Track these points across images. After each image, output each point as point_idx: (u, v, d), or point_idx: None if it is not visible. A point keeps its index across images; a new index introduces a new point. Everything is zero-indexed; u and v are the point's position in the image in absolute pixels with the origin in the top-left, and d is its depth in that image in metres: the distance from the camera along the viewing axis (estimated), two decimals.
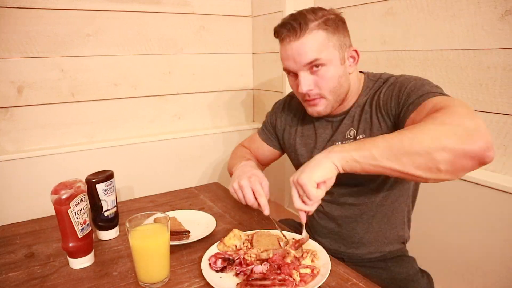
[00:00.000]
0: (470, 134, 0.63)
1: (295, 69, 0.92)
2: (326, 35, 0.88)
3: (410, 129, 0.69)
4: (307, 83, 0.91)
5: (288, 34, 0.89)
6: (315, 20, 0.88)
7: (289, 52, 0.90)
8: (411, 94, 0.84)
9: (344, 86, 0.94)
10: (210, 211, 1.09)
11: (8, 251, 0.91)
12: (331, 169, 0.72)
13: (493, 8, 1.08)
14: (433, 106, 0.75)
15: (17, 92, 1.41)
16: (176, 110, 1.78)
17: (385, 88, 0.92)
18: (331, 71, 0.90)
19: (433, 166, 0.65)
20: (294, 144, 1.09)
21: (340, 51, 0.91)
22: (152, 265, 0.75)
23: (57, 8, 1.42)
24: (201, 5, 1.73)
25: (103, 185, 0.93)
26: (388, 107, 0.89)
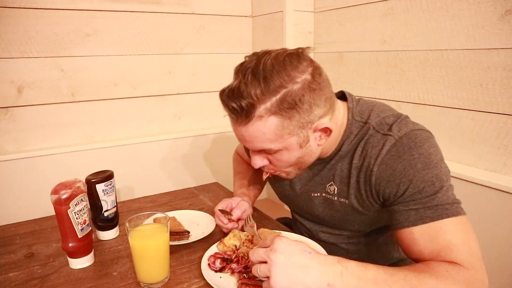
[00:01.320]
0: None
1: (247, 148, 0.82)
2: (280, 122, 0.68)
3: None
4: (260, 162, 0.78)
5: (232, 115, 0.71)
6: (264, 101, 0.66)
7: (237, 133, 0.75)
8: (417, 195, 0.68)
9: (308, 160, 0.78)
10: (210, 211, 1.09)
11: (8, 251, 0.91)
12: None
13: (493, 8, 1.08)
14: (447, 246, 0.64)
15: (17, 92, 1.41)
16: (176, 110, 1.77)
17: (383, 155, 0.71)
18: (286, 156, 0.74)
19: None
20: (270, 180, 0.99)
21: (302, 132, 0.71)
22: (152, 265, 0.75)
23: (56, 8, 1.42)
24: (201, 5, 1.73)
25: (103, 185, 0.93)
26: (382, 190, 0.72)
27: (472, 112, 1.18)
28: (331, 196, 0.83)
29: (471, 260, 0.62)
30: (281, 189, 0.97)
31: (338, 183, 0.81)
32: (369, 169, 0.73)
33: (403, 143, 0.70)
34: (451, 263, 0.62)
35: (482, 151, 1.18)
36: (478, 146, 1.19)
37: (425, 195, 0.67)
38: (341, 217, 0.85)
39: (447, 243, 0.64)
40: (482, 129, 1.16)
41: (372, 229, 0.88)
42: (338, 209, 0.83)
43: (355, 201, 0.79)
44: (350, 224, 0.86)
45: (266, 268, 0.59)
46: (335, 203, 0.83)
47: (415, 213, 0.67)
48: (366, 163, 0.74)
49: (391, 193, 0.70)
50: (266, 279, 0.60)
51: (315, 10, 1.74)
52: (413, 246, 0.67)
